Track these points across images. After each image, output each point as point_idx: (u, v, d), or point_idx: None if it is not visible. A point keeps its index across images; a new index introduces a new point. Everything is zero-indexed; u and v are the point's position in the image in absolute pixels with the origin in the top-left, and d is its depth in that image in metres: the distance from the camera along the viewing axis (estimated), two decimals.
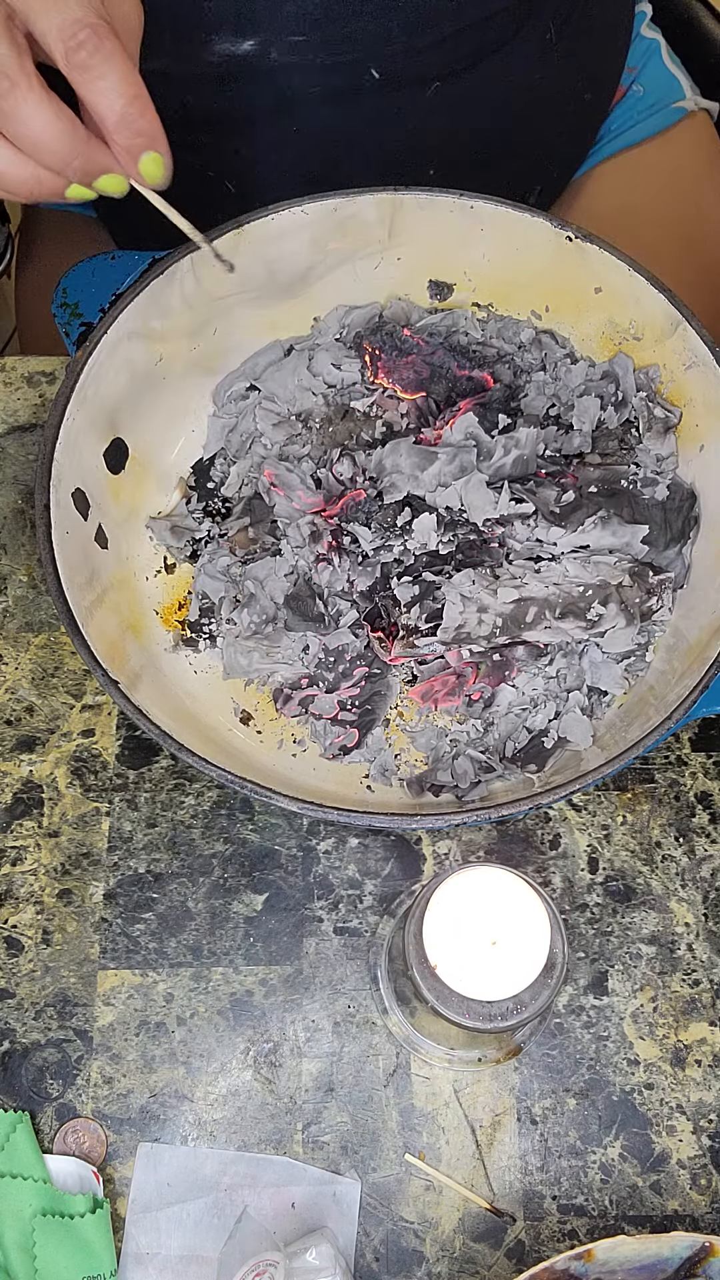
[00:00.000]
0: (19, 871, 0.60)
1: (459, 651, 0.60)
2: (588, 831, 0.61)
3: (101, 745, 0.63)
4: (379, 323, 0.67)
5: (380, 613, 0.61)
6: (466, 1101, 0.56)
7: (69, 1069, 0.56)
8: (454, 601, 0.59)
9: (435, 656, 0.61)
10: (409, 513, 0.61)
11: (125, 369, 0.61)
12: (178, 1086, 0.56)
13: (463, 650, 0.60)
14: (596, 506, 0.60)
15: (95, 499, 0.60)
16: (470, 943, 0.47)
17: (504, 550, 0.61)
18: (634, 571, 0.60)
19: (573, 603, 0.59)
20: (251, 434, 0.66)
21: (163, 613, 0.64)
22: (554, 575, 0.59)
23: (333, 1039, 0.57)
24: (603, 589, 0.59)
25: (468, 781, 0.59)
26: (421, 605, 0.60)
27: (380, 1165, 0.55)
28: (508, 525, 0.61)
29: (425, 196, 0.63)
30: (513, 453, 0.61)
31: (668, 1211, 0.54)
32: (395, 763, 0.61)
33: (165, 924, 0.59)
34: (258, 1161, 0.55)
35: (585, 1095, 0.56)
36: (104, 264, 0.61)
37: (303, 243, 0.64)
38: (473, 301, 0.68)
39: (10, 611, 0.66)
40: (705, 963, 0.58)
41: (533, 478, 0.62)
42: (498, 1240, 0.54)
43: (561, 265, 0.64)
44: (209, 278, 0.63)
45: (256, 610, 0.62)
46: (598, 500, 0.61)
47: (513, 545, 0.61)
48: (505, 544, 0.61)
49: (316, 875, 0.60)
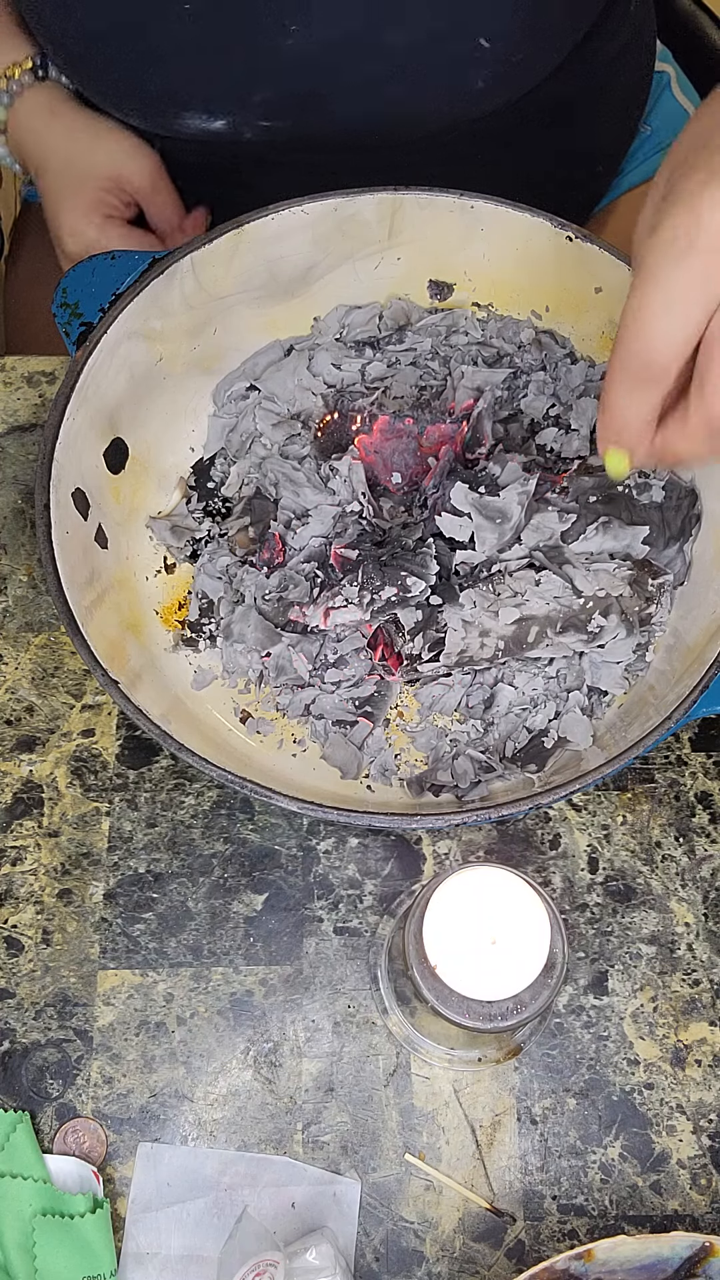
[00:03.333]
0: (19, 871, 0.60)
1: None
2: (588, 831, 0.61)
3: (101, 745, 0.63)
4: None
5: (385, 637, 0.61)
6: (466, 1101, 0.56)
7: (69, 1069, 0.56)
8: (456, 629, 0.59)
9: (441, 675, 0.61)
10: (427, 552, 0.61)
11: (125, 369, 0.61)
12: (178, 1086, 0.56)
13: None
14: (595, 515, 0.60)
15: (95, 499, 0.60)
16: (470, 943, 0.47)
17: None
18: (634, 580, 0.60)
19: (573, 616, 0.59)
20: (251, 434, 0.66)
21: (163, 613, 0.64)
22: (554, 588, 0.59)
23: (333, 1039, 0.57)
24: (603, 601, 0.59)
25: (468, 781, 0.59)
26: (425, 634, 0.60)
27: (380, 1165, 0.55)
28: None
29: (425, 196, 0.63)
30: (515, 498, 0.61)
31: (668, 1211, 0.54)
32: (395, 763, 0.61)
33: (165, 924, 0.59)
34: (258, 1161, 0.55)
35: (585, 1095, 0.56)
36: (104, 264, 0.61)
37: (303, 243, 0.64)
38: (473, 301, 0.68)
39: (10, 611, 0.66)
40: (705, 963, 0.58)
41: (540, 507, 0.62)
42: (498, 1240, 0.54)
43: (561, 265, 0.64)
44: (209, 278, 0.63)
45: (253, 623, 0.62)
46: (596, 508, 0.61)
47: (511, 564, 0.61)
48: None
49: (316, 875, 0.60)
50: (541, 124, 0.74)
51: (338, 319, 0.68)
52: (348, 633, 0.61)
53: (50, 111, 0.72)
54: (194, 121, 0.67)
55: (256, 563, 0.63)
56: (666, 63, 0.88)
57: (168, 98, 0.66)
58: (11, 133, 0.74)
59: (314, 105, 0.66)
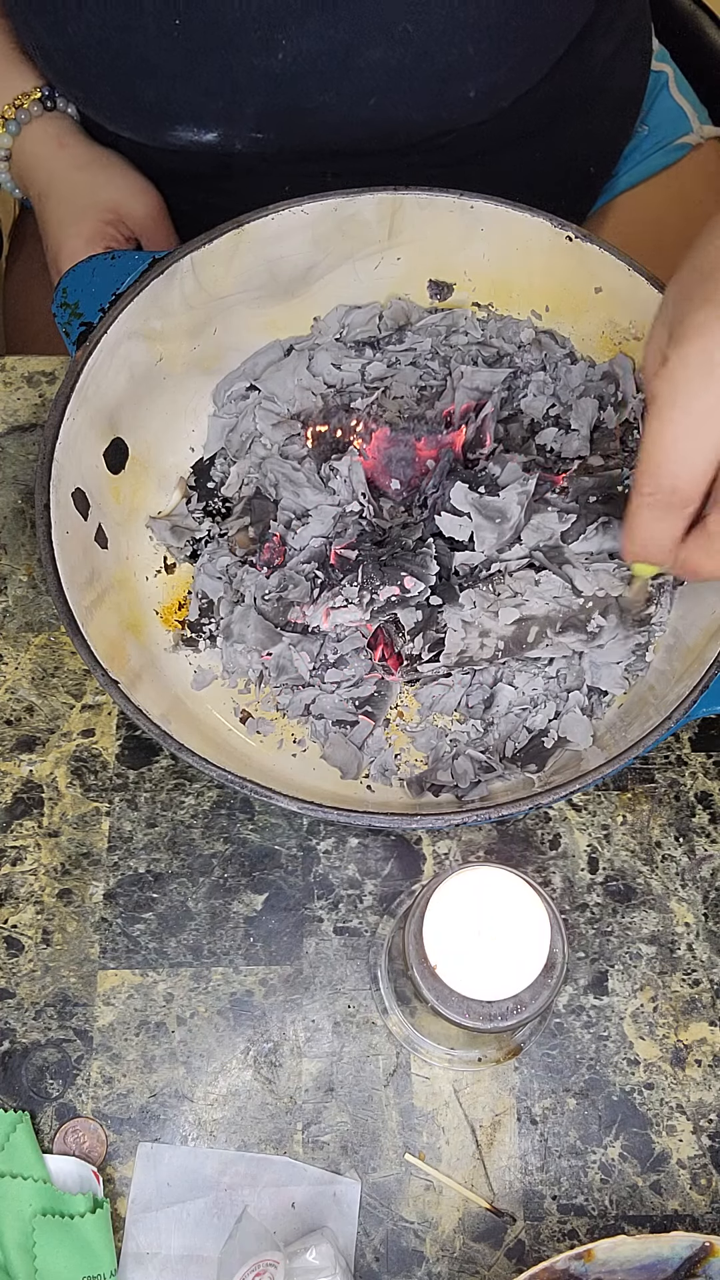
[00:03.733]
0: (19, 871, 0.60)
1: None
2: (588, 831, 0.61)
3: (101, 745, 0.63)
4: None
5: (385, 637, 0.61)
6: (466, 1101, 0.56)
7: (69, 1069, 0.56)
8: (455, 629, 0.59)
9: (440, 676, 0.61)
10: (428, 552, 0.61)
11: (125, 369, 0.61)
12: (178, 1086, 0.56)
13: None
14: (595, 515, 0.60)
15: (95, 499, 0.60)
16: (470, 943, 0.47)
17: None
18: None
19: (573, 616, 0.59)
20: (251, 434, 0.66)
21: (163, 613, 0.64)
22: (554, 588, 0.59)
23: (333, 1039, 0.57)
24: (603, 601, 0.59)
25: (468, 781, 0.59)
26: (424, 635, 0.60)
27: (380, 1165, 0.55)
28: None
29: (425, 196, 0.63)
30: (515, 498, 0.61)
31: (668, 1211, 0.54)
32: (395, 763, 0.61)
33: (165, 924, 0.59)
34: (258, 1161, 0.55)
35: (585, 1095, 0.56)
36: (104, 264, 0.61)
37: (303, 243, 0.64)
38: (473, 301, 0.68)
39: (10, 611, 0.66)
40: (705, 963, 0.58)
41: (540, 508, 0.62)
42: (498, 1240, 0.54)
43: (561, 265, 0.64)
44: (209, 278, 0.63)
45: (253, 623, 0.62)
46: (596, 508, 0.61)
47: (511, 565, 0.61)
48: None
49: (316, 875, 0.60)
50: (536, 124, 0.74)
51: (338, 319, 0.68)
52: (348, 633, 0.61)
53: (59, 142, 0.73)
54: (186, 134, 0.67)
55: (256, 563, 0.64)
56: (664, 62, 0.87)
57: (159, 110, 0.66)
58: (16, 159, 0.75)
59: (305, 117, 0.66)
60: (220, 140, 0.67)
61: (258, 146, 0.68)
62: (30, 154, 0.74)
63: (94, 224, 0.71)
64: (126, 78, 0.65)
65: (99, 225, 0.71)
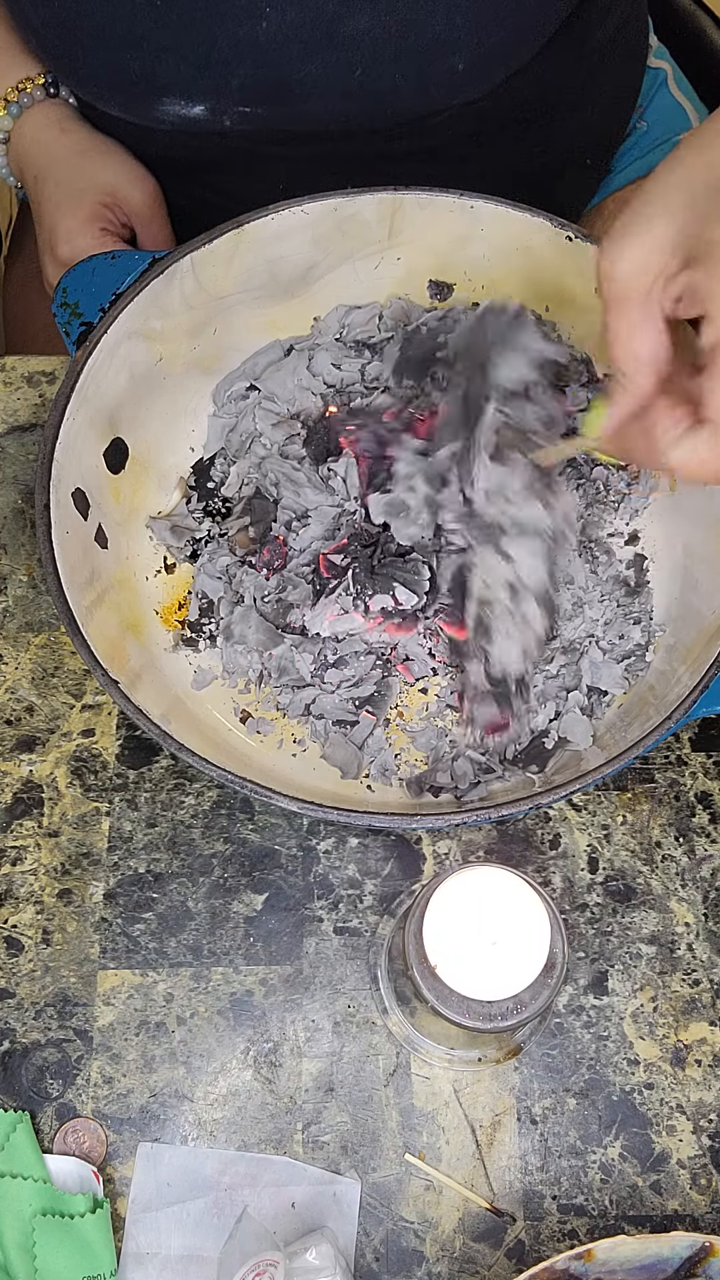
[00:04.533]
0: (19, 871, 0.60)
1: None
2: (588, 831, 0.61)
3: (101, 745, 0.63)
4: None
5: (444, 619, 0.61)
6: (466, 1101, 0.56)
7: (69, 1069, 0.56)
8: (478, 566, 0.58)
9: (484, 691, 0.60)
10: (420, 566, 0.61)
11: (125, 369, 0.61)
12: (178, 1086, 0.56)
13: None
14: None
15: (95, 499, 0.60)
16: (470, 943, 0.47)
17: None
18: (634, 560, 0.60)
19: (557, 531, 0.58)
20: (251, 434, 0.66)
21: (163, 613, 0.64)
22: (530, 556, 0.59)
23: (333, 1039, 0.57)
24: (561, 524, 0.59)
25: (467, 782, 0.59)
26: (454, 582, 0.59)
27: (380, 1165, 0.55)
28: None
29: (425, 196, 0.63)
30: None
31: (668, 1211, 0.54)
32: (395, 763, 0.61)
33: (165, 924, 0.59)
34: (258, 1161, 0.55)
35: (585, 1095, 0.56)
36: (104, 264, 0.61)
37: (303, 243, 0.64)
38: (473, 301, 0.68)
39: (10, 611, 0.66)
40: (705, 963, 0.58)
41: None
42: (498, 1240, 0.54)
43: (561, 265, 0.64)
44: (209, 278, 0.63)
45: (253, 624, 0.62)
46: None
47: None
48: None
49: (316, 875, 0.60)
50: (532, 113, 0.74)
51: (338, 319, 0.68)
52: (348, 636, 0.61)
53: (60, 127, 0.74)
54: (173, 108, 0.67)
55: (257, 563, 0.64)
56: (664, 60, 0.87)
57: (146, 83, 0.66)
58: (15, 143, 0.75)
59: (292, 89, 0.66)
60: (208, 114, 0.67)
61: (246, 122, 0.68)
62: (30, 138, 0.74)
63: (91, 205, 0.71)
64: (112, 50, 0.65)
65: (95, 207, 0.71)
